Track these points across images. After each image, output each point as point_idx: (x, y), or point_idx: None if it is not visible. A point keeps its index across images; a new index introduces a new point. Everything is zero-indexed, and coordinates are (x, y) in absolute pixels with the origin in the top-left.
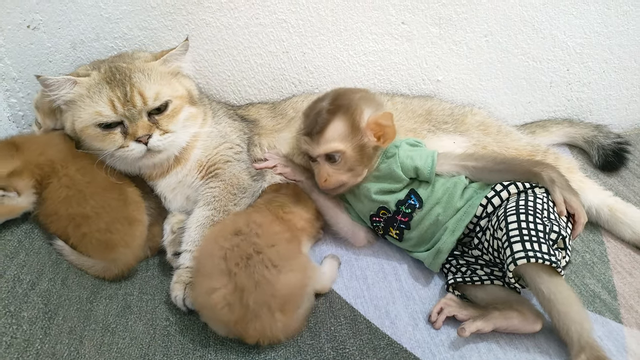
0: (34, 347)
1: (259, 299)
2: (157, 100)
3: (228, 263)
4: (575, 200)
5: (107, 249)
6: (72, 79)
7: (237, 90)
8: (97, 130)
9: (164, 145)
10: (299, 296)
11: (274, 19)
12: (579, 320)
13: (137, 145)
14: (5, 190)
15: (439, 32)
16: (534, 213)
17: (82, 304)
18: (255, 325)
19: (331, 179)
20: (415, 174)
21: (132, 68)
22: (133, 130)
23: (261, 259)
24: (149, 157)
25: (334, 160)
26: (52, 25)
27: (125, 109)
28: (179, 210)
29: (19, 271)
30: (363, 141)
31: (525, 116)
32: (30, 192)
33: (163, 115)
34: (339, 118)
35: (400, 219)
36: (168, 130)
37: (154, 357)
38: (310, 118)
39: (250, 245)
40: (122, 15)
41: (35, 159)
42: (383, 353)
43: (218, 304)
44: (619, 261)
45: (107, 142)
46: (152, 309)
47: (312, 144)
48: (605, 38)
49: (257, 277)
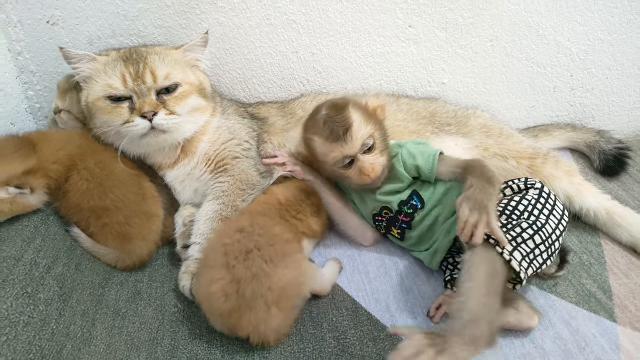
0: (50, 327)
1: (255, 290)
2: (167, 80)
3: (228, 257)
4: (472, 220)
5: (125, 241)
6: (91, 55)
7: (247, 88)
8: (106, 103)
9: (167, 125)
10: (295, 294)
11: (285, 19)
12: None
13: (141, 121)
14: (21, 187)
15: (445, 36)
16: (510, 212)
17: (95, 288)
18: (250, 316)
19: (376, 166)
20: (417, 172)
21: (150, 51)
22: (140, 105)
23: (260, 254)
24: (152, 136)
25: (369, 148)
26: (71, 21)
27: (135, 84)
28: (188, 202)
29: (36, 255)
30: (379, 120)
31: (528, 120)
32: (42, 192)
33: (171, 95)
34: (352, 110)
35: (402, 219)
36: (174, 111)
37: (163, 341)
38: (326, 126)
39: (251, 241)
40: (138, 13)
41: (54, 155)
42: (382, 344)
43: (216, 294)
44: (615, 263)
45: (114, 115)
46: (161, 296)
47: (346, 145)
48: (609, 45)
49: (254, 270)
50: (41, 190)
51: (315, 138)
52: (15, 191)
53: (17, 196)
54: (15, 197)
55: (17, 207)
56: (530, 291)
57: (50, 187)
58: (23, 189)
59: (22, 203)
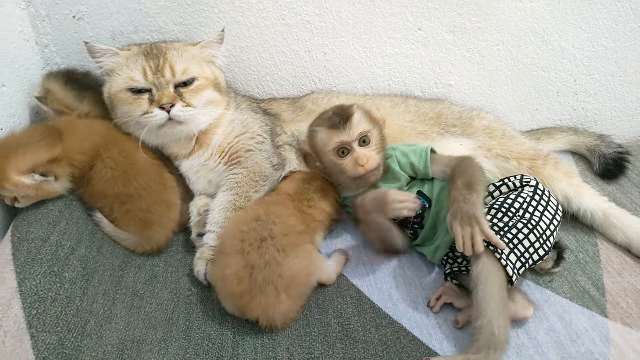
0: (74, 304)
1: (266, 276)
2: (185, 74)
3: (243, 244)
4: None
5: (146, 227)
6: (114, 50)
7: (261, 84)
8: (127, 94)
9: (184, 116)
10: (303, 282)
11: (299, 20)
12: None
13: (160, 112)
14: (46, 175)
15: (453, 39)
16: (506, 210)
17: (115, 270)
18: (260, 300)
19: (371, 159)
20: (412, 170)
21: (170, 47)
22: (159, 97)
23: (274, 243)
24: (169, 127)
25: (366, 142)
26: (95, 16)
27: (154, 77)
28: (202, 192)
29: (61, 237)
30: (379, 125)
31: (531, 123)
32: (66, 179)
33: (188, 89)
34: (356, 109)
35: (413, 220)
36: (190, 104)
37: (178, 322)
38: (329, 115)
39: (266, 230)
40: (159, 10)
41: (79, 145)
42: (384, 330)
43: (230, 277)
44: (609, 262)
45: (135, 106)
46: (176, 280)
47: (344, 132)
48: (612, 52)
49: (267, 257)
50: (65, 178)
51: (318, 129)
52: (41, 178)
53: (42, 183)
54: (40, 184)
55: (42, 192)
56: (527, 285)
57: (74, 176)
58: (47, 176)
59: (47, 189)
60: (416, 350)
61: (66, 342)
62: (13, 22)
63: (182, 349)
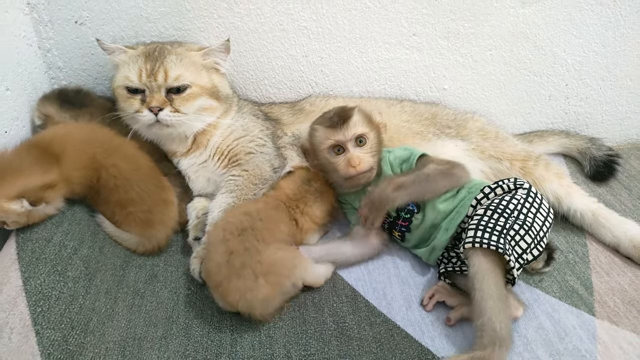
0: (78, 302)
1: (244, 261)
2: (177, 81)
3: (225, 232)
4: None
5: (147, 227)
6: (123, 48)
7: (259, 88)
8: (124, 92)
9: (171, 121)
10: (284, 273)
11: (296, 25)
12: (489, 313)
13: (148, 113)
14: (35, 204)
15: (447, 45)
16: (501, 211)
17: (116, 270)
18: (238, 283)
19: (364, 161)
20: (401, 168)
21: (172, 51)
22: (149, 99)
23: (254, 233)
24: (157, 128)
25: (361, 143)
26: (97, 21)
27: (148, 80)
28: (201, 190)
29: (64, 237)
30: (378, 130)
31: (524, 126)
32: (60, 200)
33: (179, 96)
34: (357, 111)
35: (400, 224)
36: (179, 110)
37: (178, 320)
38: (330, 115)
39: (250, 223)
40: (159, 16)
41: (77, 161)
42: (378, 328)
43: (213, 268)
44: (598, 262)
45: (128, 104)
46: (176, 279)
47: (340, 132)
48: (603, 57)
49: (247, 244)
50: (58, 199)
51: (318, 127)
52: (30, 208)
53: (32, 210)
54: (31, 211)
55: (33, 218)
56: (517, 285)
57: (74, 192)
58: (37, 205)
59: (38, 215)
60: (409, 347)
61: (70, 339)
62: (17, 28)
63: (182, 346)
